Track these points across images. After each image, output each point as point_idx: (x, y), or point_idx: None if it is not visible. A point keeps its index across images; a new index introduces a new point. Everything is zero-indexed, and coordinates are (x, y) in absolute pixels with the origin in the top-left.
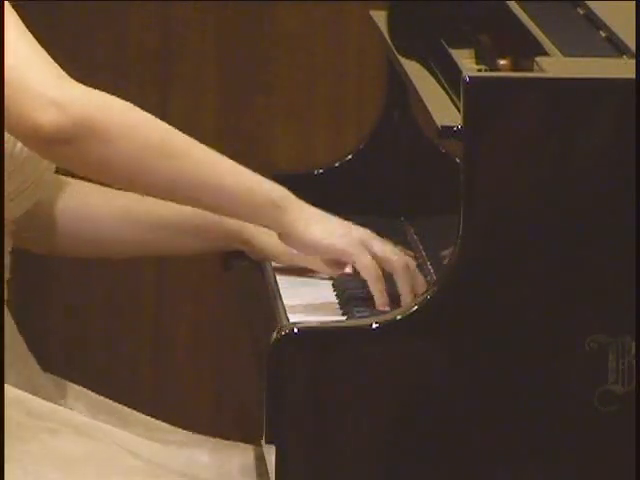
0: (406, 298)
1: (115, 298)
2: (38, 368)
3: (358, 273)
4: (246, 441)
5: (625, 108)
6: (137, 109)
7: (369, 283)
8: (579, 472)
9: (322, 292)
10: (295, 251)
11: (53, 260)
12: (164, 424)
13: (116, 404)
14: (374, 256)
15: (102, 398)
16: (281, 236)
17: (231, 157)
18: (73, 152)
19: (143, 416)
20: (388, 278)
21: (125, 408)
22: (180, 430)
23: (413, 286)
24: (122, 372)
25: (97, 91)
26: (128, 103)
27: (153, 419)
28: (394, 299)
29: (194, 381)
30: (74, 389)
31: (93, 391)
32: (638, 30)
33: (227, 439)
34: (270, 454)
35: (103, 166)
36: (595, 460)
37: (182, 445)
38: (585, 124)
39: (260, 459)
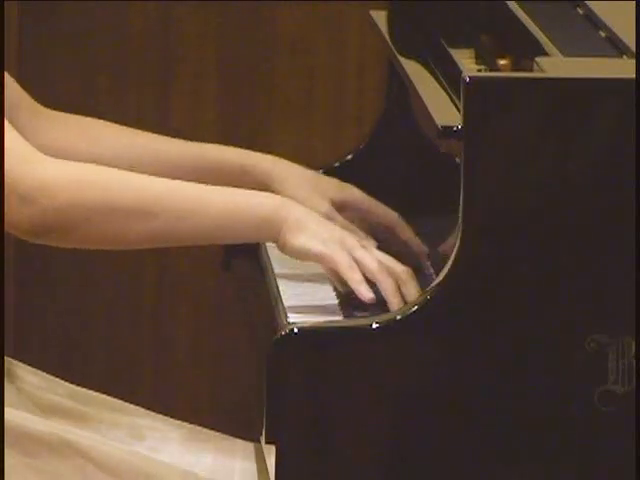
0: (391, 303)
1: (115, 298)
2: None
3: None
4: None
5: (625, 108)
6: (109, 173)
7: (343, 274)
8: (579, 472)
9: (322, 292)
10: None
11: (54, 259)
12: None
13: (108, 397)
14: (356, 261)
15: (91, 391)
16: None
17: None
18: (55, 239)
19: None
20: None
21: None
22: (183, 424)
23: (396, 290)
24: (122, 372)
25: (71, 168)
26: (101, 169)
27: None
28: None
29: (194, 381)
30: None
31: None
32: (638, 30)
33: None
34: (270, 454)
35: (85, 242)
36: (595, 460)
37: (181, 455)
38: (585, 124)
39: (261, 458)
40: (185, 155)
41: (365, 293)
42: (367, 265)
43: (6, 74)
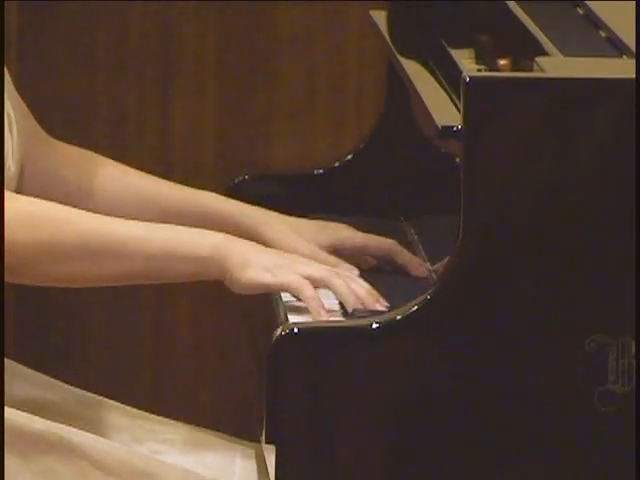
0: (347, 302)
1: (115, 298)
2: None
3: None
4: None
5: (625, 108)
6: (59, 213)
7: (300, 296)
8: (579, 472)
9: (322, 292)
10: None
11: None
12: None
13: (111, 401)
14: (307, 279)
15: (90, 394)
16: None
17: (231, 157)
18: (9, 277)
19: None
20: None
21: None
22: (183, 425)
23: (349, 288)
24: (122, 372)
25: (23, 206)
26: (52, 207)
27: (154, 415)
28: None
29: (194, 381)
30: (65, 387)
31: (93, 391)
32: (638, 30)
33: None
34: (270, 454)
35: (35, 280)
36: (595, 460)
37: (182, 455)
38: (585, 124)
39: (261, 458)
40: (173, 199)
41: (317, 307)
42: (313, 275)
43: (18, 97)
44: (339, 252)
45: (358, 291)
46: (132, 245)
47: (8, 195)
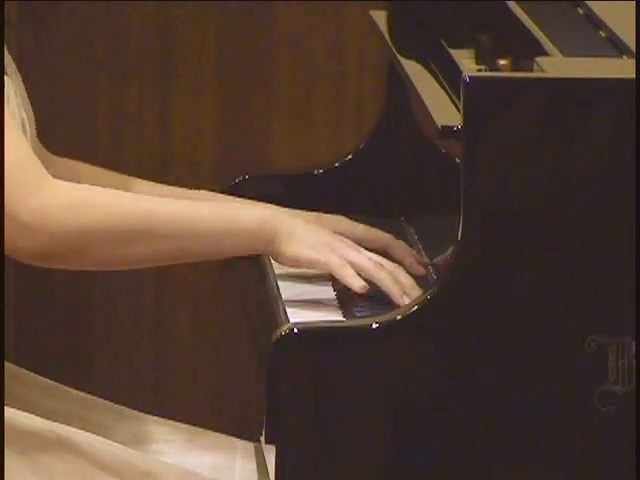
0: (394, 295)
1: (115, 298)
2: None
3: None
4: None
5: (625, 108)
6: (110, 196)
7: (335, 273)
8: (579, 472)
9: (322, 291)
10: None
11: None
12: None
13: (111, 404)
14: (350, 264)
15: (94, 397)
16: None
17: (231, 156)
18: (55, 263)
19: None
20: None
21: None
22: (183, 426)
23: (394, 281)
24: (122, 373)
25: (73, 191)
26: (102, 192)
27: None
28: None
29: (194, 381)
30: (65, 390)
31: (93, 392)
32: (638, 30)
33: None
34: (270, 454)
35: (88, 265)
36: (595, 460)
37: (183, 456)
38: (585, 124)
39: (261, 458)
40: None
41: (357, 283)
42: (360, 264)
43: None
44: None
45: (403, 282)
46: (184, 224)
47: (54, 182)
